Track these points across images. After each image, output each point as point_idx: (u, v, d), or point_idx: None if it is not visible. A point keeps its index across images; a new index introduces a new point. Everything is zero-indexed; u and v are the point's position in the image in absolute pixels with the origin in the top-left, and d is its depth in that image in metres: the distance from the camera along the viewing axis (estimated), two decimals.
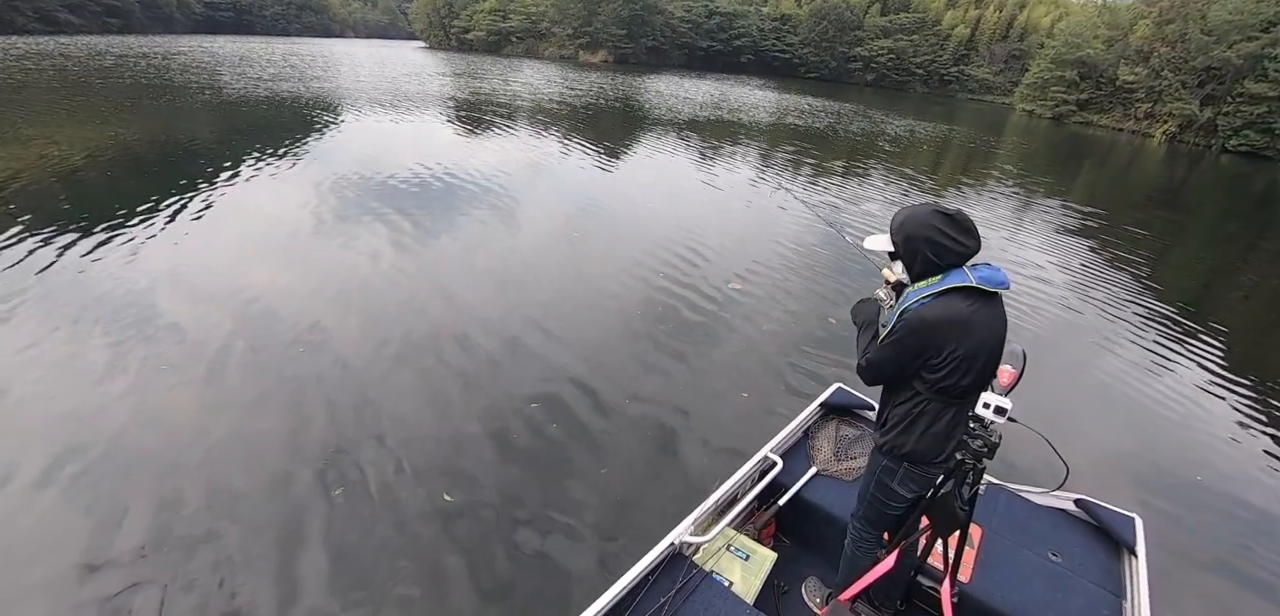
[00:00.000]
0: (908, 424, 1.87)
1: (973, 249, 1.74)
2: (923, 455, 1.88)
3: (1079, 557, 2.50)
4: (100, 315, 4.92)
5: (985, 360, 1.75)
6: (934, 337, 1.72)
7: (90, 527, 2.97)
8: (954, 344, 1.71)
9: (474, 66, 37.23)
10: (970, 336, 1.71)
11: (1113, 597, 2.32)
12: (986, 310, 1.73)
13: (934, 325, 1.72)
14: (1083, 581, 2.38)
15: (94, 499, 3.14)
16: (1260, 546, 3.53)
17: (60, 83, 17.79)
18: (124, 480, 3.28)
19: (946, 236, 1.72)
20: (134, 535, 2.94)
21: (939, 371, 1.75)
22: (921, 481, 1.96)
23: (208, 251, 6.40)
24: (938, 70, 58.87)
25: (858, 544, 2.21)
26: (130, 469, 3.36)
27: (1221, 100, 31.21)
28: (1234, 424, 4.83)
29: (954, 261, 1.74)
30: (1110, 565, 2.49)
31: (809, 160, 15.17)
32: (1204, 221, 13.95)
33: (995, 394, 1.75)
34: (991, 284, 1.71)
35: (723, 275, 6.74)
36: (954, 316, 1.70)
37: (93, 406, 3.83)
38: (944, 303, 1.72)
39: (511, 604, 2.73)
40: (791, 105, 29.61)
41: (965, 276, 1.71)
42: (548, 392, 4.30)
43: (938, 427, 1.84)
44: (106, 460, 3.41)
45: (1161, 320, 6.85)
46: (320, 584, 2.75)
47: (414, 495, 3.29)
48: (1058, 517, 2.72)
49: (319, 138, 12.78)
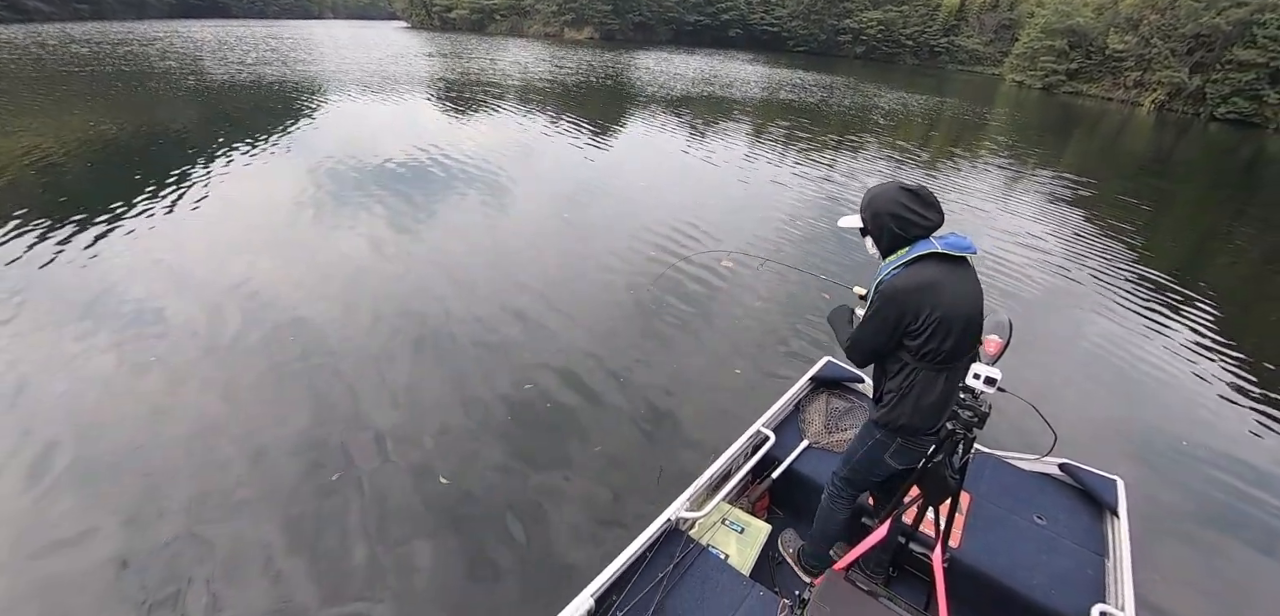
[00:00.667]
0: (902, 396, 1.92)
1: (935, 221, 1.84)
2: (917, 427, 1.94)
3: (1063, 520, 2.58)
4: (89, 308, 4.82)
5: (963, 322, 1.81)
6: (908, 303, 1.80)
7: (79, 517, 2.93)
8: (928, 307, 1.79)
9: (458, 46, 36.62)
10: (941, 298, 1.78)
11: (1096, 556, 2.41)
12: (955, 273, 1.82)
13: (906, 291, 1.80)
14: (1067, 542, 2.46)
15: (81, 490, 3.10)
16: (1240, 505, 3.59)
17: (38, 74, 17.33)
18: (113, 471, 3.23)
19: (910, 211, 1.82)
20: (124, 525, 2.90)
21: (919, 337, 1.82)
22: (912, 455, 2.02)
23: (198, 241, 6.28)
24: (927, 41, 58.54)
25: (834, 500, 2.29)
26: (120, 460, 3.31)
27: (1210, 67, 31.27)
28: (1219, 388, 4.89)
29: (919, 234, 1.84)
30: (1093, 526, 2.57)
31: (803, 135, 15.08)
32: (1192, 189, 14.04)
33: (984, 364, 1.80)
34: (957, 248, 1.80)
35: (715, 251, 6.70)
36: (923, 281, 1.79)
37: (82, 398, 3.77)
38: (913, 270, 1.81)
39: (511, 581, 2.73)
40: (783, 79, 29.40)
41: (931, 244, 1.81)
42: (542, 372, 4.28)
43: (931, 398, 1.89)
44: (96, 450, 3.36)
45: (1150, 286, 6.90)
46: (318, 567, 2.73)
47: (411, 476, 3.27)
48: (1043, 482, 2.80)
49: (306, 123, 12.55)
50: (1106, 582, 2.30)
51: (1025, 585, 2.25)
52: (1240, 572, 3.15)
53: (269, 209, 7.27)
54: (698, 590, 2.07)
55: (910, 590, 2.38)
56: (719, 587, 2.08)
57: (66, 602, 2.56)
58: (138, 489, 3.12)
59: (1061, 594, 2.21)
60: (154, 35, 28.16)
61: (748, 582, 2.13)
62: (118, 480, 3.17)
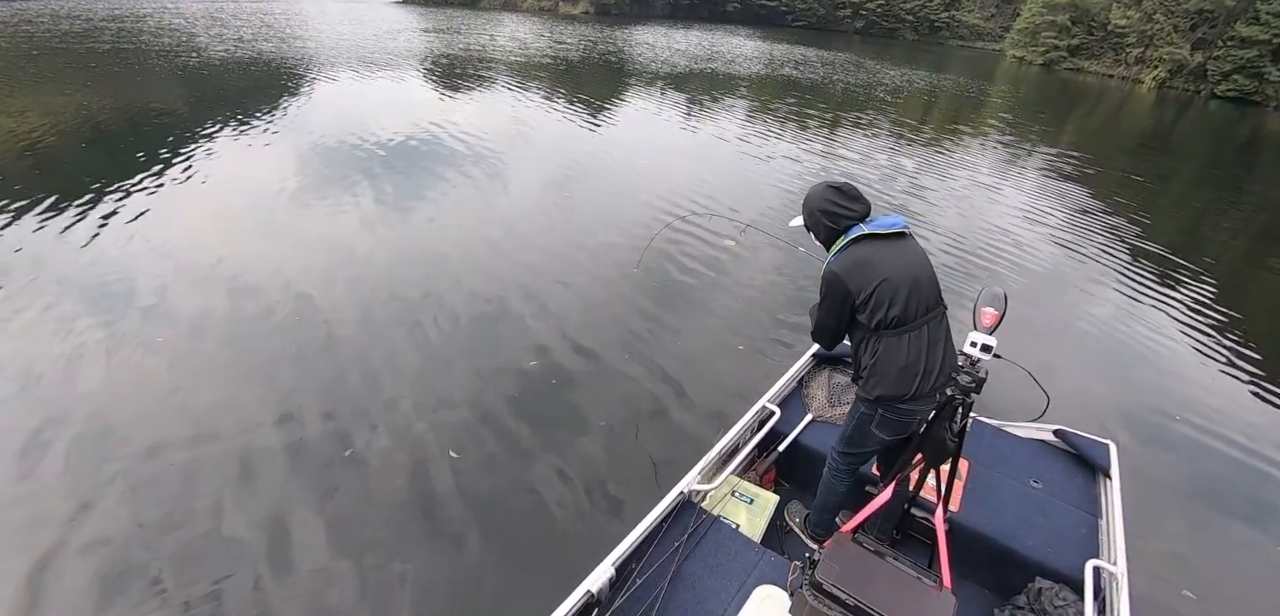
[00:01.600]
0: (872, 366, 2.06)
1: (859, 212, 2.06)
2: (895, 396, 2.04)
3: (1058, 483, 2.67)
4: (83, 292, 4.74)
5: (908, 285, 1.98)
6: (850, 281, 2.00)
7: (70, 498, 2.92)
8: (868, 280, 1.98)
9: (452, 22, 36.06)
10: (877, 270, 1.98)
11: (1089, 517, 2.50)
12: (891, 247, 2.02)
13: (845, 271, 2.01)
14: (1061, 504, 2.56)
15: (77, 473, 3.08)
16: (1229, 472, 3.69)
17: (34, 50, 17.02)
18: (108, 452, 3.21)
19: (836, 205, 2.07)
20: (120, 508, 2.89)
21: (867, 308, 1.99)
22: (896, 426, 2.13)
23: (192, 220, 6.21)
24: (928, 16, 57.84)
25: (834, 473, 2.39)
26: (116, 440, 3.29)
27: (1212, 44, 31.06)
28: (1212, 360, 4.96)
29: (849, 223, 2.06)
30: (1087, 488, 2.67)
31: (804, 112, 14.99)
32: (1191, 166, 14.05)
33: (980, 333, 1.89)
34: (887, 227, 2.02)
35: (717, 229, 6.70)
36: (858, 258, 2.01)
37: (73, 382, 3.72)
38: (848, 253, 2.04)
39: (527, 554, 2.77)
40: (782, 55, 29.11)
41: (860, 229, 2.03)
42: (545, 348, 4.30)
43: (899, 363, 2.00)
44: (91, 431, 3.34)
45: (1147, 260, 6.96)
46: (328, 543, 2.76)
47: (421, 454, 3.30)
48: (1038, 447, 2.90)
49: (300, 101, 12.39)
50: (1100, 540, 2.40)
51: (1022, 544, 2.35)
52: (1226, 536, 3.25)
53: (264, 188, 7.18)
54: (712, 557, 2.15)
55: (913, 552, 2.45)
56: (732, 554, 2.17)
57: (61, 582, 2.55)
58: (134, 468, 3.11)
59: (1057, 552, 2.31)
60: (145, 11, 27.60)
61: (758, 549, 2.22)
62: (114, 460, 3.16)
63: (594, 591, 1.92)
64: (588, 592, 1.90)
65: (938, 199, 8.69)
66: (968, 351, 1.89)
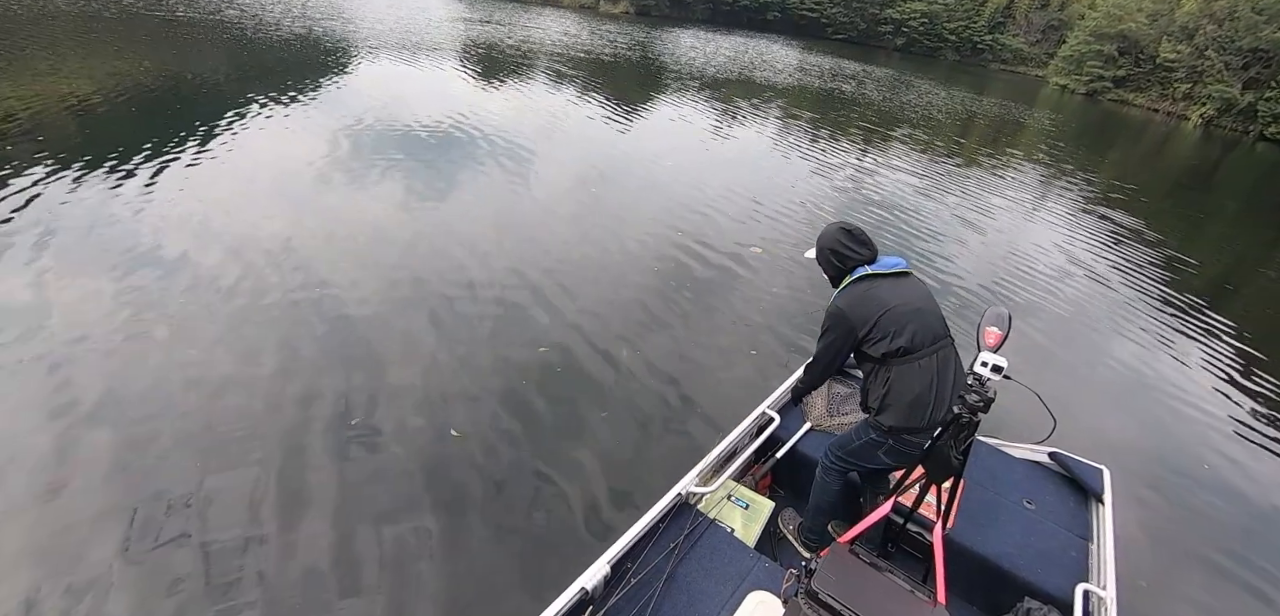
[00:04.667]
0: (885, 396, 2.14)
1: (864, 255, 2.20)
2: (906, 427, 2.12)
3: (1051, 505, 2.71)
4: (120, 256, 4.82)
5: (911, 315, 2.10)
6: (853, 314, 2.14)
7: (97, 470, 2.95)
8: (873, 312, 2.10)
9: (493, 13, 36.48)
10: (880, 302, 2.11)
11: (1081, 541, 2.53)
12: (894, 282, 2.16)
13: (848, 306, 2.15)
14: (1053, 526, 2.58)
15: (97, 432, 3.12)
16: (1230, 515, 3.67)
17: (83, 15, 17.76)
18: (130, 416, 3.28)
19: (845, 246, 2.21)
20: (142, 468, 2.96)
21: (874, 339, 2.11)
22: (903, 456, 2.21)
23: (225, 194, 6.33)
24: (971, 37, 56.76)
25: (827, 473, 2.46)
26: (138, 404, 3.37)
27: (1265, 84, 29.95)
28: (1225, 400, 4.90)
29: (856, 264, 2.20)
30: (1079, 512, 2.70)
31: (842, 126, 14.89)
32: (1235, 207, 13.62)
33: (988, 352, 1.89)
34: (887, 267, 2.17)
35: (743, 237, 6.76)
36: (860, 294, 2.15)
37: (105, 346, 3.80)
38: (851, 290, 2.18)
39: (523, 546, 2.83)
40: (822, 67, 28.87)
41: (864, 269, 2.17)
42: (560, 343, 4.40)
43: (912, 393, 2.09)
44: (115, 394, 3.40)
45: (1177, 300, 6.82)
46: (320, 517, 2.83)
47: (426, 434, 3.39)
48: (1032, 469, 2.94)
49: (338, 82, 12.70)
50: (1090, 564, 2.42)
51: (1013, 564, 2.38)
52: (1220, 577, 3.26)
53: (297, 166, 7.34)
54: (707, 560, 2.18)
55: (907, 566, 2.46)
56: (726, 558, 2.20)
57: (80, 542, 2.61)
58: (156, 434, 3.16)
59: (1047, 573, 2.34)
60: None
61: (753, 554, 2.24)
62: (136, 425, 3.21)
63: (588, 588, 1.93)
64: (582, 590, 1.91)
65: (969, 221, 8.61)
66: (978, 371, 1.89)
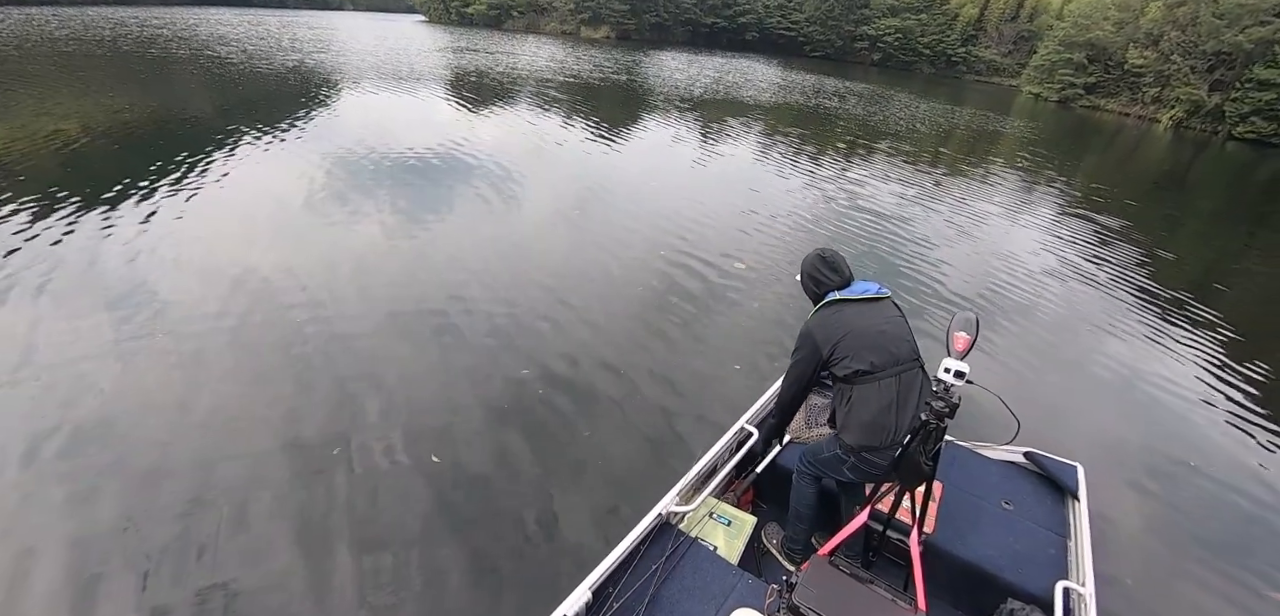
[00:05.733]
0: (846, 415, 2.22)
1: (836, 281, 2.32)
2: (865, 446, 2.18)
3: (1028, 504, 2.75)
4: (106, 289, 4.95)
5: (873, 338, 2.19)
6: (817, 336, 2.26)
7: (74, 502, 2.98)
8: (836, 335, 2.21)
9: (475, 41, 36.90)
10: (846, 327, 2.21)
11: (1058, 538, 2.56)
12: (863, 307, 2.27)
13: (815, 328, 2.28)
14: (1031, 525, 2.62)
15: (83, 472, 3.15)
16: (1199, 504, 3.72)
17: (83, 55, 17.68)
18: (118, 453, 3.30)
19: (820, 272, 2.36)
20: (124, 506, 2.96)
21: (836, 361, 2.22)
22: (864, 474, 2.27)
23: (214, 226, 6.44)
24: (945, 50, 58.09)
25: (801, 477, 2.53)
26: (126, 442, 3.39)
27: (1230, 86, 30.81)
28: (1196, 393, 4.96)
29: (830, 288, 2.33)
30: (1056, 509, 2.74)
31: (822, 143, 15.10)
32: (1208, 206, 13.93)
33: (953, 359, 1.94)
34: (859, 293, 2.28)
35: (721, 253, 6.79)
36: (827, 319, 2.27)
37: (91, 380, 3.85)
38: (821, 314, 2.31)
39: (503, 573, 2.79)
40: (800, 84, 29.35)
41: (835, 295, 2.31)
42: (544, 363, 4.38)
43: (869, 413, 2.15)
44: (102, 433, 3.43)
45: (1148, 298, 6.92)
46: (310, 544, 2.83)
47: (408, 458, 3.37)
48: (1009, 470, 2.98)
49: (324, 111, 12.77)
50: (1068, 561, 2.45)
51: (994, 566, 2.39)
52: (1194, 564, 3.29)
53: (285, 196, 7.42)
54: (690, 580, 2.16)
55: (888, 574, 2.49)
56: (710, 577, 2.17)
57: (71, 564, 2.66)
58: (143, 460, 3.22)
59: (1028, 573, 2.36)
60: (193, 23, 28.65)
61: (736, 571, 2.22)
62: (121, 453, 3.26)
63: (570, 615, 1.91)
64: None
65: (951, 227, 8.71)
66: (941, 377, 1.94)
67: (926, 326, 5.53)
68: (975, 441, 3.19)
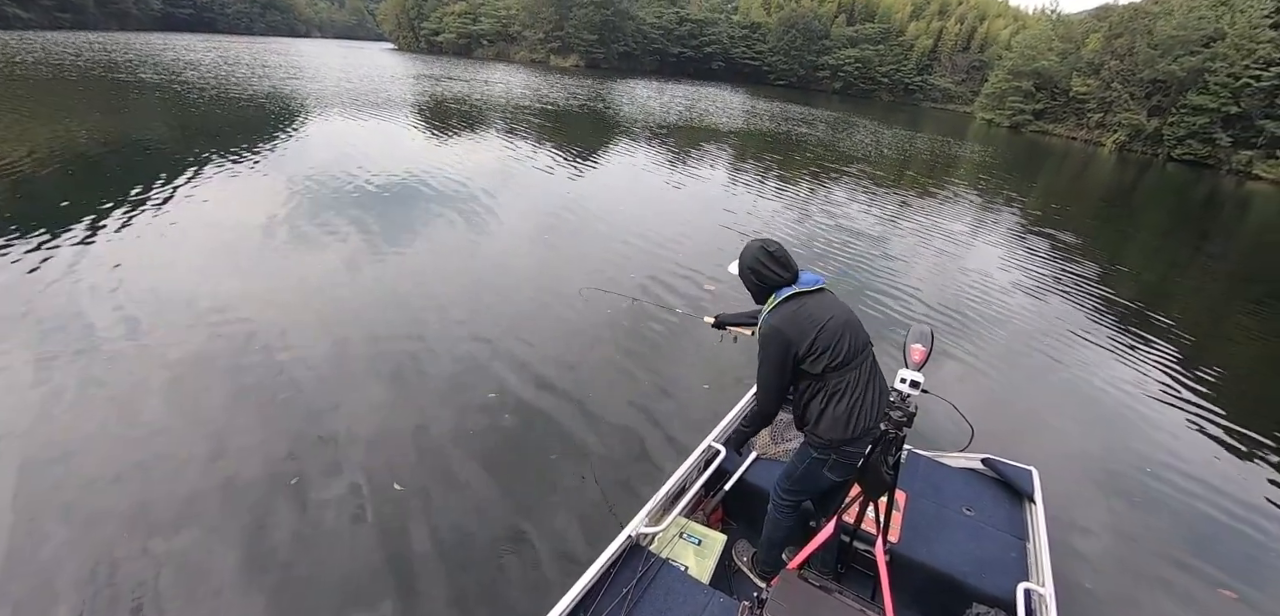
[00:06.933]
0: (822, 412, 2.18)
1: (785, 276, 2.23)
2: (844, 439, 2.16)
3: (989, 509, 2.81)
4: (55, 325, 4.71)
5: (842, 330, 2.17)
6: (789, 332, 2.16)
7: (24, 545, 2.85)
8: (809, 329, 2.15)
9: (445, 69, 36.94)
10: (814, 320, 2.16)
11: (1018, 540, 2.62)
12: (815, 300, 2.21)
13: (783, 323, 2.17)
14: (992, 529, 2.68)
15: (39, 514, 3.02)
16: (1152, 501, 3.81)
17: (40, 78, 17.06)
18: (64, 484, 3.18)
19: (766, 267, 2.23)
20: (71, 550, 2.83)
21: (812, 355, 2.14)
22: (845, 467, 2.24)
23: (170, 257, 6.18)
24: (902, 79, 60.59)
25: (779, 510, 2.45)
26: (71, 473, 3.26)
27: (1167, 111, 32.77)
28: (1164, 411, 5.13)
29: (775, 284, 2.23)
30: (1014, 513, 2.81)
31: (787, 166, 15.44)
32: (1151, 222, 14.67)
33: (910, 370, 1.99)
34: (808, 285, 2.22)
35: (692, 273, 6.84)
36: (792, 312, 2.18)
37: (39, 422, 3.66)
38: (782, 310, 2.20)
39: (472, 603, 2.71)
40: (766, 111, 30.09)
41: (790, 288, 2.22)
42: (513, 391, 4.30)
43: (844, 405, 2.15)
44: (48, 462, 3.30)
45: (1106, 313, 7.20)
46: (270, 579, 2.72)
47: (369, 487, 3.27)
48: (969, 476, 3.05)
49: (290, 139, 12.53)
50: (1029, 563, 2.50)
51: (959, 571, 2.43)
52: (1148, 559, 3.41)
53: (248, 225, 7.20)
54: (661, 601, 2.13)
55: (857, 585, 2.51)
56: (681, 598, 2.14)
57: None
58: (89, 501, 3.07)
59: (991, 577, 2.40)
60: (158, 49, 27.95)
61: (708, 591, 2.20)
62: (70, 492, 3.12)
63: None
64: None
65: (906, 245, 8.96)
66: (898, 388, 1.99)
67: (889, 337, 5.64)
68: (936, 450, 3.26)
